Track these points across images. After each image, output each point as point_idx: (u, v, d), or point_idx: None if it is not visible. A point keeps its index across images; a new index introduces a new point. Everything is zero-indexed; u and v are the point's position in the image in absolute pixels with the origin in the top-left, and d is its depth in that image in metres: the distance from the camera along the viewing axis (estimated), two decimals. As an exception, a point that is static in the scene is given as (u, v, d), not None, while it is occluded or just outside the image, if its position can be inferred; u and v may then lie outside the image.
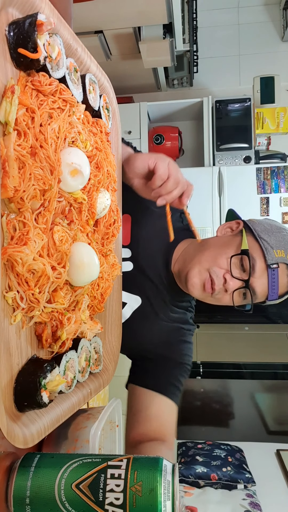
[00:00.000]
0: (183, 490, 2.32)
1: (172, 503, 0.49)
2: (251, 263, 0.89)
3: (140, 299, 1.01)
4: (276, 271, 0.89)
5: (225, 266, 0.91)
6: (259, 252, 0.90)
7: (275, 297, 0.91)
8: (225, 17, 3.54)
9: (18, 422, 0.52)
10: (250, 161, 3.04)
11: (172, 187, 0.83)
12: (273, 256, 0.90)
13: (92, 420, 0.72)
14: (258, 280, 0.90)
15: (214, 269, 0.91)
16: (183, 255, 1.00)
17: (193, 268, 0.93)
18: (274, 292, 0.90)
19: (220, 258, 0.92)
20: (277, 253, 0.90)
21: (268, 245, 0.91)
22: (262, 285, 0.90)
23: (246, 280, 0.89)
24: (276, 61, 3.45)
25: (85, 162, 0.61)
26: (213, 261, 0.92)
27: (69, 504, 0.49)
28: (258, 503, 2.20)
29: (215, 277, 0.90)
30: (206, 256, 0.94)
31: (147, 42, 2.71)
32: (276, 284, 0.90)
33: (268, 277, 0.89)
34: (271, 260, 0.89)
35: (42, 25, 0.52)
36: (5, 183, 0.49)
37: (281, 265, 0.90)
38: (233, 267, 0.90)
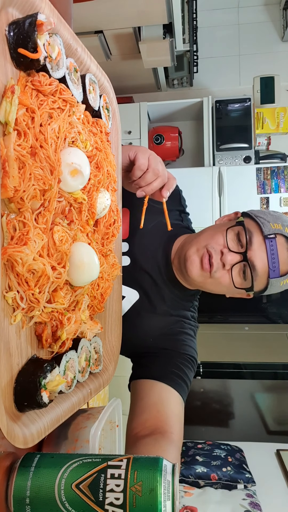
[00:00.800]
0: (183, 490, 2.32)
1: (172, 503, 0.49)
2: (248, 234, 0.88)
3: (137, 294, 1.01)
4: (274, 241, 0.87)
5: (222, 241, 0.90)
6: (256, 226, 0.89)
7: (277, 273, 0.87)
8: (225, 17, 3.54)
9: (18, 422, 0.52)
10: (250, 161, 3.04)
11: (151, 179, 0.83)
12: (270, 228, 0.88)
13: (92, 420, 0.72)
14: (256, 252, 0.87)
15: (211, 245, 0.90)
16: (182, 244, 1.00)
17: (191, 247, 0.93)
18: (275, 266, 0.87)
19: (216, 234, 0.92)
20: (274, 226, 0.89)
21: (265, 220, 0.90)
22: (261, 258, 0.87)
23: (244, 253, 0.87)
24: (276, 61, 3.45)
25: (85, 162, 0.61)
26: (210, 238, 0.92)
27: (69, 504, 0.49)
28: (258, 503, 2.20)
29: (212, 251, 0.89)
30: (204, 235, 0.94)
31: (147, 42, 2.71)
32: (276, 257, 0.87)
33: (267, 249, 0.87)
34: (268, 231, 0.88)
35: (42, 25, 0.52)
36: (5, 183, 0.49)
37: (279, 237, 0.88)
38: (230, 241, 0.89)
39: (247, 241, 0.87)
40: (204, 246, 0.91)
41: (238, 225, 0.90)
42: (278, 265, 0.87)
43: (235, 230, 0.90)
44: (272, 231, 0.88)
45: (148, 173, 0.82)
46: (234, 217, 0.98)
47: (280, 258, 0.87)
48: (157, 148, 3.26)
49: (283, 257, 0.87)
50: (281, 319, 3.42)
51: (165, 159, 3.43)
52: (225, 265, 0.89)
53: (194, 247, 0.93)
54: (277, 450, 2.73)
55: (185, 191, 1.15)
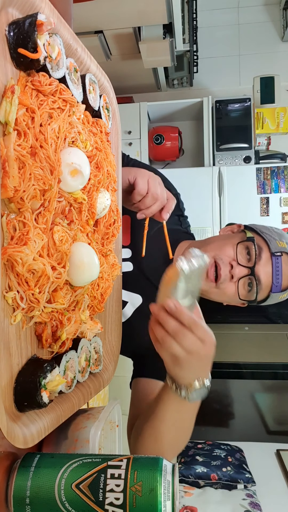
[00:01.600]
0: (183, 490, 2.32)
1: (172, 503, 0.49)
2: (257, 250, 0.91)
3: (141, 298, 1.02)
4: (280, 259, 0.91)
5: (232, 254, 0.93)
6: (263, 243, 0.93)
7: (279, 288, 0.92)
8: (225, 17, 3.54)
9: (18, 422, 0.52)
10: (250, 161, 3.04)
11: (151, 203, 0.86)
12: (276, 245, 0.92)
13: (92, 420, 0.71)
14: (263, 268, 0.91)
15: (220, 256, 0.93)
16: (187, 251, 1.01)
17: None
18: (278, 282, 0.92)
19: (226, 246, 0.94)
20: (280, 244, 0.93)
21: (271, 237, 0.94)
22: (266, 273, 0.92)
23: (251, 268, 0.91)
24: (276, 61, 3.45)
25: (85, 162, 0.61)
26: (219, 249, 0.94)
27: (69, 504, 0.49)
28: (258, 503, 2.20)
29: (221, 262, 0.92)
30: (213, 246, 0.96)
31: (147, 42, 2.71)
32: (280, 273, 0.91)
33: (273, 265, 0.91)
34: (275, 249, 0.92)
35: (42, 25, 0.52)
36: (5, 183, 0.49)
37: (284, 255, 0.92)
38: (239, 255, 0.93)
39: (256, 257, 0.91)
40: (212, 257, 0.93)
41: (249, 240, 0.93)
42: (281, 281, 0.92)
43: (244, 245, 0.94)
44: (279, 249, 0.92)
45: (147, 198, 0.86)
46: (238, 229, 1.01)
47: (284, 274, 0.92)
48: (157, 148, 3.26)
49: (286, 273, 0.93)
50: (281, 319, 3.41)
51: (165, 159, 3.43)
52: (233, 278, 0.92)
53: None
54: (277, 450, 2.73)
55: (185, 191, 1.16)
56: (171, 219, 1.05)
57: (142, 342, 1.01)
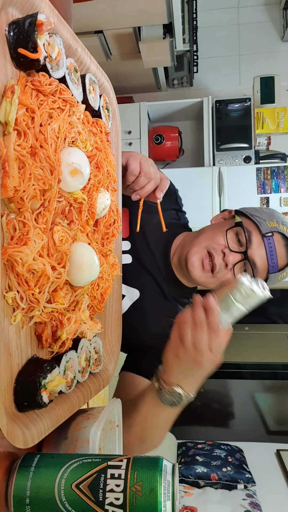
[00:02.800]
0: (183, 490, 2.32)
1: (172, 503, 0.49)
2: (247, 234, 0.91)
3: (138, 292, 1.02)
4: (272, 239, 0.91)
5: (222, 241, 0.93)
6: (253, 225, 0.93)
7: (276, 268, 0.92)
8: (225, 17, 3.54)
9: (18, 422, 0.52)
10: (250, 161, 3.04)
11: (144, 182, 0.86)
12: (266, 226, 0.93)
13: (92, 420, 0.71)
14: (256, 251, 0.91)
15: (212, 245, 0.94)
16: (181, 244, 1.02)
17: (192, 248, 0.95)
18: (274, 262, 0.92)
19: (217, 235, 0.95)
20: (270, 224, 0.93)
21: (260, 219, 0.94)
22: (261, 256, 0.92)
23: (244, 253, 0.91)
24: (276, 61, 3.45)
25: (85, 162, 0.61)
26: (210, 239, 0.95)
27: (69, 504, 0.49)
28: (258, 503, 2.20)
29: (214, 252, 0.93)
30: (204, 236, 0.97)
31: (147, 42, 2.71)
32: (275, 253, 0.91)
33: (265, 247, 0.91)
34: (265, 230, 0.92)
35: (42, 25, 0.52)
36: (5, 183, 0.49)
37: (276, 234, 0.92)
38: (230, 242, 0.93)
39: (246, 241, 0.91)
40: (205, 247, 0.94)
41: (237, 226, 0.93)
42: (276, 260, 0.92)
43: (234, 231, 0.94)
44: (269, 229, 0.92)
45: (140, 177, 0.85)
46: (229, 216, 1.02)
47: (278, 254, 0.92)
48: (157, 148, 3.26)
49: (280, 253, 0.92)
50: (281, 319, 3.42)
51: (165, 159, 3.43)
52: (228, 265, 0.92)
53: (194, 248, 0.95)
54: (277, 450, 2.73)
55: (185, 191, 1.16)
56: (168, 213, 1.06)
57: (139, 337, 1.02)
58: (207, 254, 0.93)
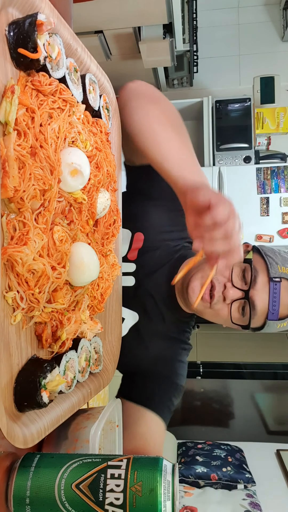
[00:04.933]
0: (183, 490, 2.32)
1: (172, 503, 0.49)
2: (253, 274, 0.86)
3: (137, 316, 1.00)
4: (279, 285, 0.86)
5: (227, 274, 0.89)
6: (263, 266, 0.88)
7: (276, 316, 0.87)
8: (225, 17, 3.54)
9: (18, 422, 0.52)
10: (250, 161, 3.04)
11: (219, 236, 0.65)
12: (277, 270, 0.87)
13: (92, 420, 0.71)
14: (258, 293, 0.86)
15: (217, 276, 0.89)
16: None
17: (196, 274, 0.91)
18: (275, 310, 0.86)
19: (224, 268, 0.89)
20: (281, 269, 0.87)
21: (273, 261, 0.88)
22: (262, 299, 0.86)
23: (246, 292, 0.87)
24: (276, 61, 3.45)
25: (85, 162, 0.61)
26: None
27: (69, 504, 0.49)
28: (258, 503, 2.20)
29: (216, 283, 0.88)
30: None
31: (147, 42, 2.71)
32: (277, 301, 0.86)
33: (270, 292, 0.86)
34: (274, 274, 0.86)
35: (42, 25, 0.52)
36: (5, 183, 0.49)
37: (284, 282, 0.86)
38: (235, 277, 0.88)
39: (251, 280, 0.86)
40: None
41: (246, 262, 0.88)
42: (278, 308, 0.86)
43: (241, 266, 0.89)
44: (278, 274, 0.86)
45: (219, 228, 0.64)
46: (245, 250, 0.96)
47: (282, 302, 0.86)
48: (157, 148, 3.26)
49: (284, 301, 0.87)
50: (281, 319, 3.40)
51: (165, 159, 3.42)
52: (226, 299, 0.88)
53: (199, 274, 0.91)
54: (277, 450, 2.73)
55: (185, 191, 1.15)
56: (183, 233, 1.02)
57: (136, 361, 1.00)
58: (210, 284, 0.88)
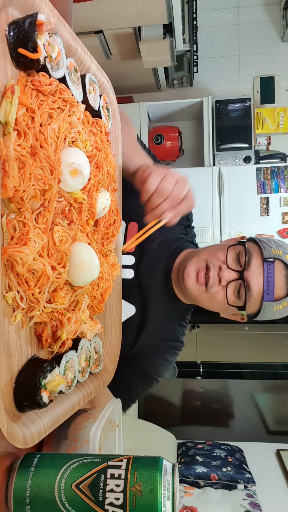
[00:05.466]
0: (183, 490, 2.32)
1: (172, 503, 0.49)
2: (247, 256, 0.88)
3: (134, 309, 1.01)
4: (272, 265, 0.87)
5: (222, 257, 0.91)
6: (257, 249, 0.90)
7: (271, 297, 0.88)
8: (225, 17, 3.54)
9: (18, 422, 0.52)
10: (250, 161, 3.04)
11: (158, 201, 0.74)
12: (270, 252, 0.89)
13: (92, 420, 0.71)
14: (253, 273, 0.88)
15: (211, 260, 0.92)
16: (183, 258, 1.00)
17: (192, 260, 0.94)
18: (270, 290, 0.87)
19: (218, 251, 0.93)
20: (275, 251, 0.90)
21: (267, 245, 0.91)
22: (257, 280, 0.88)
23: (241, 272, 0.88)
24: (276, 61, 3.45)
25: (85, 162, 0.61)
26: (211, 253, 0.93)
27: (69, 504, 0.49)
28: (258, 503, 2.20)
29: (211, 265, 0.91)
30: (206, 251, 0.95)
31: (147, 42, 2.71)
32: (272, 280, 0.87)
33: (264, 272, 0.87)
34: (268, 255, 0.89)
35: (42, 25, 0.52)
36: (5, 183, 0.49)
37: (277, 262, 0.88)
38: (229, 259, 0.90)
39: (245, 261, 0.88)
40: (204, 260, 0.92)
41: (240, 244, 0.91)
42: (273, 289, 0.87)
43: (236, 250, 0.91)
44: (272, 255, 0.89)
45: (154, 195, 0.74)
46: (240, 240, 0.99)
47: (276, 282, 0.87)
48: (157, 148, 3.26)
49: (279, 282, 0.88)
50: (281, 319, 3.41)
51: (165, 159, 3.43)
52: (221, 281, 0.89)
53: (194, 259, 0.94)
54: (277, 450, 2.73)
55: (185, 191, 1.14)
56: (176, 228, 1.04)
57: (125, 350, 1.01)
58: (205, 267, 0.91)
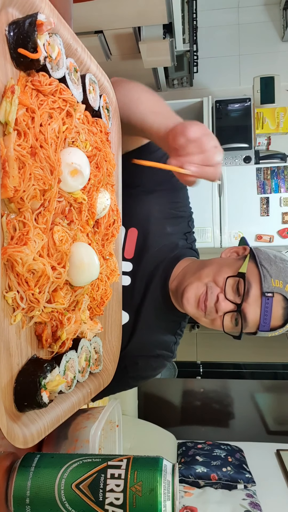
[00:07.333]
0: (183, 490, 2.32)
1: (172, 503, 0.49)
2: (246, 287, 0.87)
3: (128, 316, 1.00)
4: (271, 300, 0.87)
5: (221, 284, 0.89)
6: (257, 279, 0.88)
7: (267, 328, 0.89)
8: (225, 17, 3.54)
9: (18, 422, 0.52)
10: (250, 161, 3.04)
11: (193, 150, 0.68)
12: (270, 284, 0.87)
13: (92, 420, 0.72)
14: (251, 306, 0.87)
15: (210, 285, 0.90)
16: (184, 271, 0.98)
17: (192, 283, 0.91)
18: (266, 323, 0.88)
19: (218, 275, 0.90)
20: (275, 283, 0.88)
21: (267, 273, 0.88)
22: (254, 313, 0.87)
23: (238, 305, 0.87)
24: (276, 61, 3.45)
25: (85, 162, 0.61)
26: (212, 277, 0.91)
27: (69, 504, 0.49)
28: (258, 503, 2.20)
29: (209, 293, 0.89)
30: (207, 271, 0.92)
31: (147, 42, 2.71)
32: (269, 314, 0.87)
33: (262, 306, 0.87)
34: (267, 288, 0.87)
35: (42, 25, 0.52)
36: (5, 183, 0.49)
37: (276, 296, 0.87)
38: (228, 289, 0.88)
39: (244, 295, 0.87)
40: (205, 284, 0.90)
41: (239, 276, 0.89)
42: (269, 321, 0.88)
43: (235, 280, 0.89)
44: (271, 289, 0.87)
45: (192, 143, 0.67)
46: (242, 254, 0.97)
47: (273, 315, 0.88)
48: (157, 148, 3.26)
49: (276, 314, 0.88)
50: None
51: (165, 159, 3.42)
52: (218, 312, 0.89)
53: (194, 283, 0.91)
54: (277, 450, 2.73)
55: (185, 191, 1.14)
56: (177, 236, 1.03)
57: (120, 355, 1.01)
58: (205, 293, 0.89)
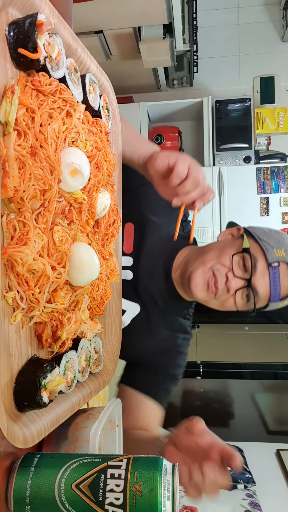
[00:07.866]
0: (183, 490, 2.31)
1: (172, 503, 0.49)
2: (253, 261, 0.89)
3: (139, 307, 1.01)
4: (277, 270, 0.89)
5: (228, 264, 0.91)
6: (260, 252, 0.91)
7: (277, 298, 0.91)
8: (225, 17, 3.54)
9: (18, 422, 0.52)
10: (250, 161, 3.04)
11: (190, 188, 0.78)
12: (274, 255, 0.90)
13: (92, 420, 0.71)
14: (260, 279, 0.90)
15: (217, 267, 0.91)
16: (185, 260, 1.00)
17: (196, 269, 0.93)
18: (277, 292, 0.90)
19: (223, 256, 0.92)
20: (277, 252, 0.91)
21: (268, 245, 0.91)
22: (264, 284, 0.90)
23: (248, 280, 0.89)
24: (276, 61, 3.45)
25: (85, 162, 0.61)
26: (216, 259, 0.93)
27: (69, 504, 0.49)
28: (258, 503, 2.20)
29: (218, 274, 0.91)
30: (209, 256, 0.94)
31: (147, 42, 2.71)
32: (278, 283, 0.90)
33: (270, 276, 0.89)
34: (272, 259, 0.90)
35: (42, 25, 0.52)
36: (5, 183, 0.49)
37: (282, 265, 0.90)
38: (235, 266, 0.91)
39: (252, 269, 0.89)
40: (210, 268, 0.92)
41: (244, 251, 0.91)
42: (279, 291, 0.91)
43: (240, 256, 0.91)
44: (276, 258, 0.90)
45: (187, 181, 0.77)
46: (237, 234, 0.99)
47: (282, 284, 0.90)
48: (157, 148, 3.26)
49: (284, 284, 0.91)
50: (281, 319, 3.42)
51: (165, 159, 3.42)
52: (230, 290, 0.90)
53: (199, 268, 0.93)
54: (277, 450, 2.73)
55: (185, 191, 1.14)
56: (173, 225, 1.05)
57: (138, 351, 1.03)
58: (213, 276, 0.91)
